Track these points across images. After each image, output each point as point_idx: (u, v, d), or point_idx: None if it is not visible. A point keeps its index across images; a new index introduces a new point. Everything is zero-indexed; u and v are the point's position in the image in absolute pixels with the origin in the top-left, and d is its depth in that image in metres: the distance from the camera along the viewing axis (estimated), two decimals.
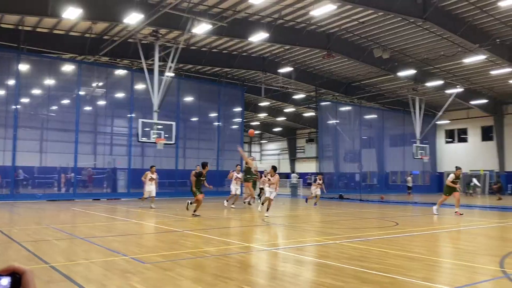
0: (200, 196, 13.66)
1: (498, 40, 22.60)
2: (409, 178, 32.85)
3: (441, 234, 11.09)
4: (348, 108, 35.08)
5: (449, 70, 28.67)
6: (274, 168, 14.64)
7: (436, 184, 38.84)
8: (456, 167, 15.84)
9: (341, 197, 26.55)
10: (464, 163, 36.66)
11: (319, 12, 19.13)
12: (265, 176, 15.78)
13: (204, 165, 14.29)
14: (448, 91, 30.71)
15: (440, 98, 33.08)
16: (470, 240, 9.99)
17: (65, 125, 24.12)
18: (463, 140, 38.71)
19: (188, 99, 28.93)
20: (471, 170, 35.75)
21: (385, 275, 5.83)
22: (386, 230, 10.88)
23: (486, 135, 36.76)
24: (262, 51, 27.58)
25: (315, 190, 19.88)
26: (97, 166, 26.42)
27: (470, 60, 24.82)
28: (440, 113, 32.88)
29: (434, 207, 15.66)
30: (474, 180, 32.20)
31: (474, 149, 37.47)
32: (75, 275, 5.62)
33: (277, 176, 14.47)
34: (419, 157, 31.47)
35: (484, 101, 33.58)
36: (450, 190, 15.46)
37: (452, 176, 15.51)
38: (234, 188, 18.09)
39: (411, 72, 27.34)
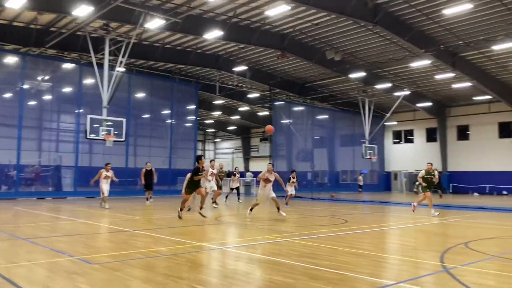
0: (187, 196, 12.42)
1: (442, 46, 23.77)
2: (360, 177, 33.93)
3: (388, 231, 11.53)
4: (301, 108, 35.65)
5: (397, 73, 29.83)
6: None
7: (384, 183, 40.39)
8: (428, 163, 15.35)
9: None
10: (410, 163, 38.47)
11: (273, 12, 19.30)
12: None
13: (198, 158, 12.66)
14: (396, 94, 31.97)
15: (389, 100, 34.36)
16: (414, 236, 10.46)
17: (7, 119, 22.84)
18: (410, 141, 40.45)
19: (140, 95, 28.25)
20: (416, 170, 37.40)
21: (335, 271, 5.98)
22: (336, 227, 11.16)
23: (431, 136, 38.62)
24: (217, 49, 27.44)
25: (290, 189, 19.17)
26: (42, 163, 25.21)
27: (417, 64, 25.96)
28: (388, 115, 34.15)
29: (432, 210, 14.74)
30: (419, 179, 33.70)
31: (419, 149, 39.24)
32: (17, 278, 5.34)
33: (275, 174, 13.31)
34: (368, 156, 32.55)
35: (429, 104, 35.26)
36: (427, 187, 14.93)
37: (422, 172, 15.04)
38: (209, 185, 16.99)
39: (361, 74, 28.20)
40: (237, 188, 21.30)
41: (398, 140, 41.37)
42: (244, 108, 42.40)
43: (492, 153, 34.13)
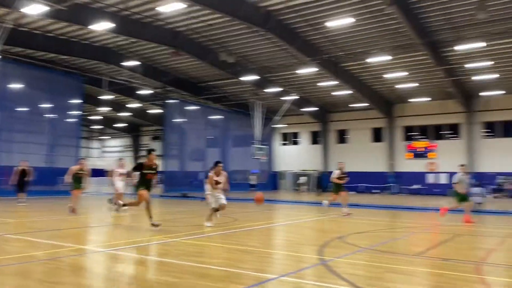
0: (143, 192, 10.10)
1: (326, 56, 25.61)
2: (253, 177, 35.07)
3: (275, 228, 12.09)
4: (195, 107, 35.52)
5: (286, 78, 31.38)
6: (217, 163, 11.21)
7: (273, 182, 42.15)
8: (340, 162, 15.54)
9: (184, 196, 26.75)
10: (296, 164, 40.73)
11: (166, 8, 18.91)
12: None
13: (150, 152, 10.53)
14: (285, 98, 33.60)
15: (278, 104, 35.96)
16: (297, 232, 11.12)
17: None
18: (296, 143, 42.83)
19: (15, 86, 25.52)
20: (301, 170, 39.76)
21: (221, 269, 6.11)
22: (225, 226, 11.36)
23: (315, 139, 41.35)
24: (106, 41, 26.05)
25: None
26: None
27: (303, 71, 27.60)
28: (277, 118, 35.73)
29: (344, 209, 14.81)
30: (302, 179, 35.77)
31: (304, 151, 41.75)
32: None
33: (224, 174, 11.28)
34: (258, 157, 33.67)
35: (314, 109, 37.71)
36: (338, 188, 14.97)
37: (337, 172, 14.98)
38: (119, 186, 15.71)
39: (253, 77, 29.06)
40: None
41: (285, 142, 43.51)
42: (135, 105, 40.87)
43: (366, 156, 37.70)
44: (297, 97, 33.74)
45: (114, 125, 51.88)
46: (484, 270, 6.33)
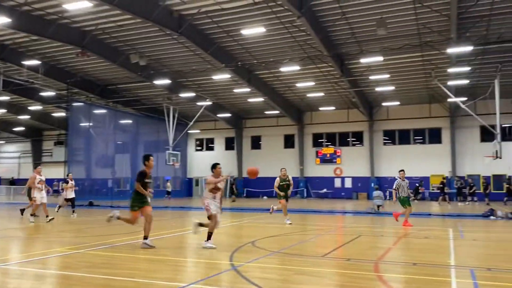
0: (135, 214, 8.81)
1: (240, 63, 26.00)
2: (168, 184, 34.20)
3: (188, 235, 11.87)
4: (103, 111, 33.83)
5: (200, 84, 31.26)
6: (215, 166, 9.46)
7: (187, 189, 41.58)
8: (282, 168, 14.62)
9: (91, 204, 25.28)
10: (209, 170, 40.61)
11: (73, 6, 17.89)
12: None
13: (146, 158, 9.20)
14: (199, 103, 33.42)
15: (192, 109, 35.65)
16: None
17: None
18: (211, 148, 42.77)
19: None
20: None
21: (129, 279, 5.85)
22: (135, 235, 10.92)
23: (229, 145, 41.65)
24: (2, 38, 23.87)
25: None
26: None
27: (218, 77, 27.72)
28: (191, 123, 35.38)
29: (285, 218, 14.03)
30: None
31: (219, 157, 41.77)
32: None
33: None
34: (171, 163, 33.01)
35: (228, 115, 38.01)
36: (284, 196, 14.18)
37: (277, 180, 14.24)
38: (40, 196, 14.43)
39: (166, 81, 28.52)
40: (72, 200, 17.66)
41: (200, 148, 43.24)
42: (35, 107, 37.87)
43: (278, 161, 38.72)
44: (211, 103, 33.75)
45: (11, 129, 47.49)
46: (382, 268, 6.81)
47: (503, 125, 26.27)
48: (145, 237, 8.75)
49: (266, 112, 36.90)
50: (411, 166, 34.45)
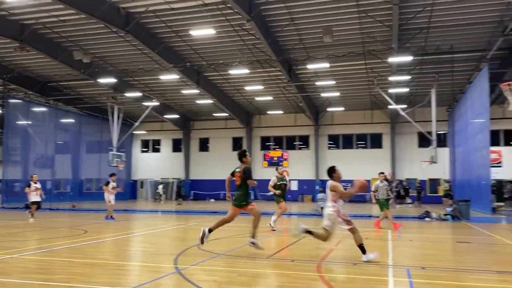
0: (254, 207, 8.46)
1: (189, 64, 25.74)
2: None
3: (130, 238, 11.56)
4: (43, 109, 32.17)
5: (147, 83, 30.59)
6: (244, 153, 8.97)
7: (131, 191, 40.44)
8: (278, 167, 13.31)
9: (27, 207, 23.90)
10: (156, 172, 39.83)
11: None
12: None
13: (243, 154, 8.95)
14: (146, 104, 32.67)
15: (138, 109, 34.80)
16: (153, 242, 10.83)
17: None
18: (157, 150, 41.94)
19: None
20: (162, 178, 39.01)
21: (67, 284, 5.62)
22: (73, 239, 10.49)
23: (176, 146, 41.06)
24: None
25: (110, 197, 16.37)
26: None
27: (166, 77, 27.26)
28: (137, 124, 34.50)
29: (273, 218, 12.79)
30: (160, 188, 35.01)
31: (165, 159, 41.12)
32: None
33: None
34: (115, 164, 32.00)
35: (176, 116, 37.48)
36: (281, 196, 12.73)
37: (273, 179, 12.78)
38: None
39: (111, 80, 27.61)
40: (39, 203, 16.64)
41: (146, 149, 42.28)
42: None
43: (227, 164, 38.61)
44: (158, 103, 33.11)
45: None
46: (324, 268, 7.00)
47: (438, 132, 27.88)
48: (253, 236, 8.48)
49: (215, 114, 36.77)
50: (353, 169, 35.62)
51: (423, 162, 29.14)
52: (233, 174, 8.81)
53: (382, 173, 14.37)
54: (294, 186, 36.75)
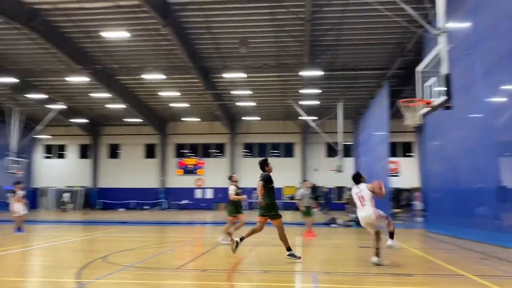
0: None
1: (100, 66, 24.56)
2: (8, 194, 30.13)
3: (28, 252, 10.64)
4: None
5: (53, 85, 28.60)
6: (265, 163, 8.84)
7: (30, 200, 37.25)
8: (304, 180, 12.37)
9: None
10: (61, 179, 37.22)
11: None
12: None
13: (265, 162, 9.03)
14: (50, 106, 30.49)
15: (42, 112, 32.37)
16: (53, 255, 10.07)
17: None
18: (62, 156, 39.26)
19: None
20: (67, 186, 36.58)
21: None
22: None
23: (84, 153, 38.80)
24: None
25: (20, 207, 14.51)
26: None
27: (74, 79, 25.74)
28: (39, 127, 32.04)
29: (222, 238, 11.27)
30: (65, 196, 32.85)
31: (72, 165, 38.64)
32: None
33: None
34: (13, 171, 29.33)
35: (84, 120, 35.46)
36: (236, 209, 11.15)
37: (232, 187, 11.16)
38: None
39: (11, 80, 25.40)
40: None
41: (50, 155, 39.40)
42: None
43: (138, 172, 37.53)
44: (65, 106, 31.07)
45: None
46: (235, 277, 7.05)
47: (344, 143, 29.66)
48: (289, 248, 8.31)
49: (127, 120, 35.46)
50: None
51: (330, 171, 30.79)
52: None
53: (305, 181, 14.69)
54: (209, 195, 36.65)
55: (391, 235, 8.13)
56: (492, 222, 11.26)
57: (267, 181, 8.47)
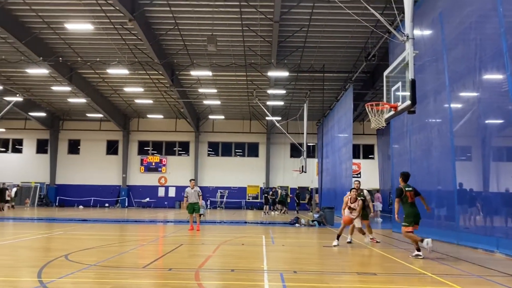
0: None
1: (61, 58, 23.71)
2: None
3: None
4: None
5: (10, 76, 27.38)
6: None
7: None
8: (356, 180, 12.34)
9: None
10: (17, 175, 35.66)
11: None
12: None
13: (407, 176, 9.84)
14: (7, 98, 29.15)
15: None
16: (12, 254, 9.65)
17: None
18: (18, 151, 37.65)
19: None
20: (22, 182, 35.12)
21: None
22: None
23: (42, 147, 37.37)
24: None
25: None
26: None
27: (33, 71, 24.76)
28: None
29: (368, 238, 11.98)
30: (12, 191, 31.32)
31: (28, 160, 37.13)
32: None
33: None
34: None
35: (43, 114, 34.15)
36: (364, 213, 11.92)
37: (350, 194, 11.74)
38: None
39: None
40: None
41: (4, 149, 37.69)
42: None
43: (99, 168, 36.54)
44: (22, 99, 29.73)
45: None
46: (202, 276, 7.01)
47: (308, 144, 30.07)
48: (418, 249, 9.16)
49: (88, 115, 34.43)
50: (231, 176, 36.56)
51: (294, 171, 31.11)
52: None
53: (193, 179, 16.10)
54: (172, 193, 36.20)
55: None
56: (451, 222, 11.76)
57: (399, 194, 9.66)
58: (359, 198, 11.73)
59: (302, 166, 28.95)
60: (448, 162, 11.89)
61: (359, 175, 34.52)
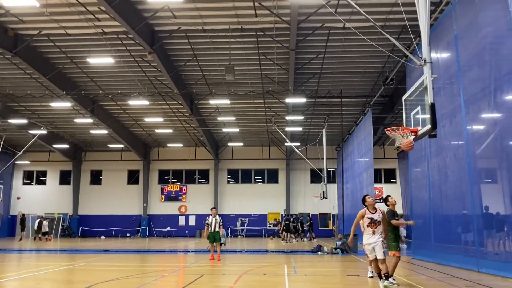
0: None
1: (83, 91, 24.40)
2: None
3: (2, 284, 10.23)
4: None
5: (35, 110, 28.25)
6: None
7: (9, 228, 36.20)
8: (388, 196, 11.63)
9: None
10: (41, 206, 36.27)
11: None
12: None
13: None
14: (32, 132, 30.00)
15: (23, 137, 31.83)
16: (34, 287, 9.71)
17: None
18: (42, 182, 38.42)
19: None
20: (46, 213, 35.65)
21: None
22: None
23: (65, 179, 38.03)
24: None
25: None
26: None
27: (57, 105, 25.49)
28: (20, 153, 31.42)
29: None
30: (44, 224, 31.83)
31: (52, 192, 37.79)
32: None
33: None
34: None
35: (66, 146, 34.92)
36: (395, 240, 9.23)
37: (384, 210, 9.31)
38: None
39: None
40: None
41: (29, 181, 38.52)
42: None
43: (121, 198, 36.89)
44: (46, 131, 30.54)
45: None
46: None
47: (328, 169, 29.82)
48: (389, 276, 8.72)
49: (110, 145, 35.07)
50: (251, 204, 36.35)
51: (315, 197, 30.76)
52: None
53: (214, 208, 16.05)
54: (192, 221, 36.15)
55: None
56: (477, 248, 11.33)
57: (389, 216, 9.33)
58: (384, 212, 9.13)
59: (323, 192, 28.63)
60: (472, 185, 11.57)
61: (381, 200, 33.83)
